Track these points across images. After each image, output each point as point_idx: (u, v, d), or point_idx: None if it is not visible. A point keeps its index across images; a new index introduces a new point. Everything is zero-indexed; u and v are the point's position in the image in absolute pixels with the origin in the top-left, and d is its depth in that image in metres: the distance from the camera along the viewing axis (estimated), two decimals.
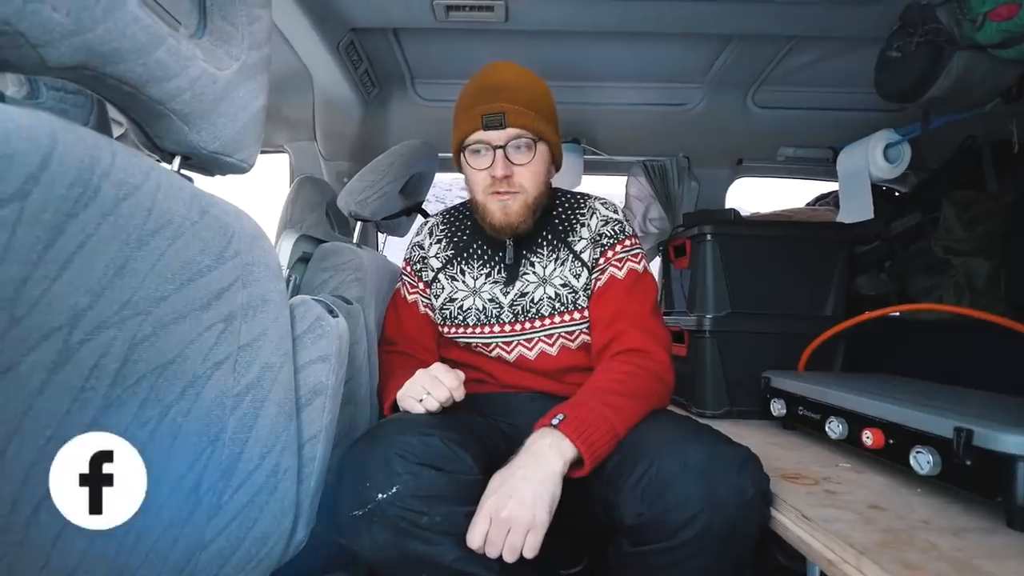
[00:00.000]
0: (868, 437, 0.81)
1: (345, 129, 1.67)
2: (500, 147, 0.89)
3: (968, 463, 0.65)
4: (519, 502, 0.66)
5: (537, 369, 0.96)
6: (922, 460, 0.71)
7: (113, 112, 0.67)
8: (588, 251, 0.96)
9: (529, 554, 0.66)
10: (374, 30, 1.36)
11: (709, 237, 1.30)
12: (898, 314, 1.30)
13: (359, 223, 1.44)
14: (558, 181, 1.72)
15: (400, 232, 1.44)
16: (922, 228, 1.38)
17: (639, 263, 0.96)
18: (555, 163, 0.98)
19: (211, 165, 0.54)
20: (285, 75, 1.45)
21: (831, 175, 1.67)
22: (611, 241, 0.96)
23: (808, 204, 1.90)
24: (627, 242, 0.97)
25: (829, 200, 1.82)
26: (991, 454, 0.63)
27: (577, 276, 0.95)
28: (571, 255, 0.96)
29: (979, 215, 1.23)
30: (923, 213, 1.38)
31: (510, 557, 0.66)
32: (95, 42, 0.37)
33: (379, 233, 1.50)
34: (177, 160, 0.51)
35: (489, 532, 0.66)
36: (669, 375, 0.88)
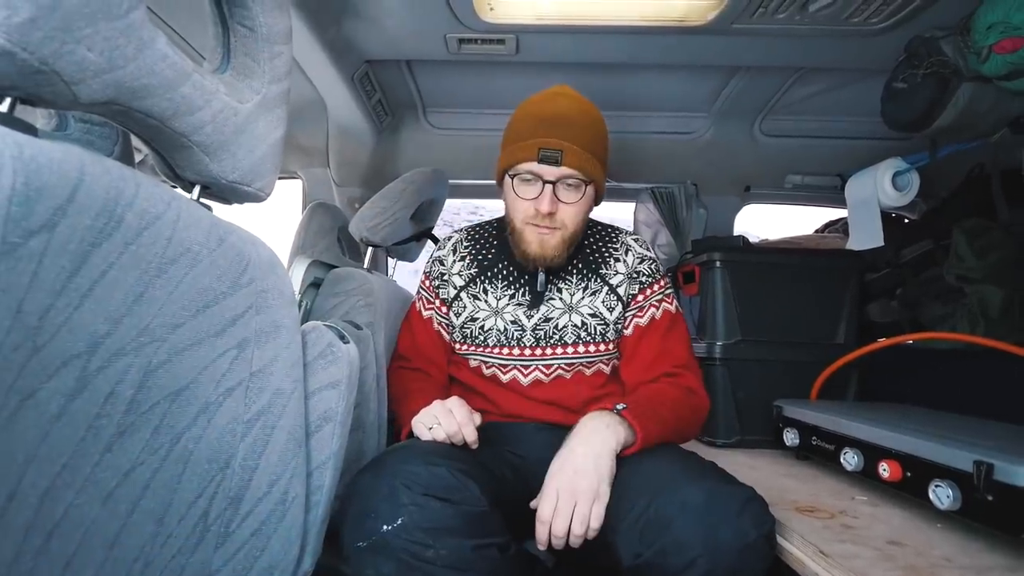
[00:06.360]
0: (885, 469, 0.80)
1: (358, 156, 1.70)
2: (551, 182, 0.89)
3: (990, 498, 0.64)
4: (584, 475, 0.72)
5: (546, 398, 0.95)
6: (942, 494, 0.69)
7: (135, 140, 0.69)
8: (624, 286, 0.97)
9: (596, 523, 0.71)
10: (388, 62, 1.40)
11: (718, 264, 1.30)
12: (911, 342, 1.28)
13: (370, 248, 1.46)
14: None
15: (410, 257, 1.45)
16: (933, 255, 1.37)
17: (672, 304, 0.99)
18: (597, 200, 0.99)
19: (229, 194, 0.55)
20: (301, 104, 1.49)
21: (839, 202, 1.67)
22: (649, 280, 0.98)
23: (816, 231, 1.90)
24: (663, 282, 1.00)
25: (838, 227, 1.81)
26: (1013, 489, 0.61)
27: (611, 309, 0.96)
28: (605, 287, 0.97)
29: (990, 243, 1.22)
30: (934, 240, 1.37)
31: (580, 527, 0.71)
32: (125, 79, 0.39)
33: (389, 258, 1.52)
34: (197, 189, 0.52)
35: (558, 505, 0.71)
36: (705, 416, 0.94)
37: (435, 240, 1.48)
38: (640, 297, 0.97)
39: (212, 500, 0.49)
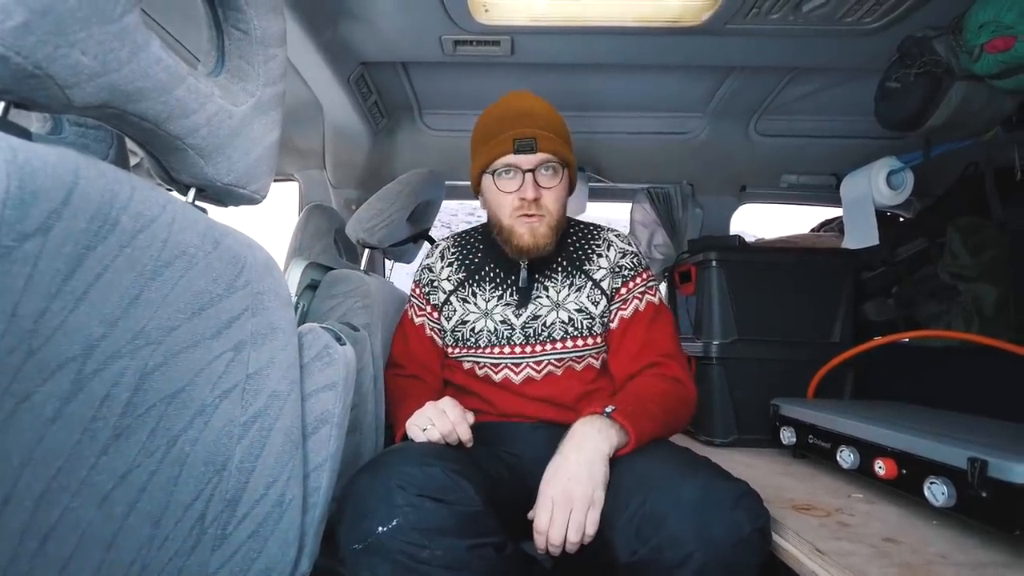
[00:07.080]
0: (881, 467, 0.80)
1: (354, 158, 1.70)
2: (530, 171, 0.92)
3: (984, 495, 0.64)
4: (578, 482, 0.72)
5: (540, 395, 0.96)
6: (937, 491, 0.70)
7: (129, 143, 0.69)
8: (608, 280, 0.99)
9: (591, 529, 0.71)
10: (384, 64, 1.40)
11: (714, 263, 1.30)
12: (907, 340, 1.29)
13: (367, 250, 1.46)
14: None
15: (407, 259, 1.45)
16: (928, 254, 1.38)
17: (655, 296, 1.00)
18: (571, 188, 1.01)
19: (225, 196, 0.55)
20: (296, 106, 1.49)
21: (834, 201, 1.68)
22: (631, 273, 1.00)
23: (812, 230, 1.90)
24: (645, 275, 1.01)
25: (833, 226, 1.82)
26: (1008, 486, 0.62)
27: (596, 303, 0.97)
28: (589, 282, 0.99)
29: (984, 241, 1.23)
30: (929, 239, 1.38)
31: (575, 535, 0.71)
32: (120, 82, 0.39)
33: (386, 260, 1.52)
34: (192, 192, 0.52)
35: (553, 513, 0.71)
36: (694, 405, 0.93)
37: (432, 241, 1.48)
38: (623, 290, 0.98)
39: (209, 502, 0.49)
